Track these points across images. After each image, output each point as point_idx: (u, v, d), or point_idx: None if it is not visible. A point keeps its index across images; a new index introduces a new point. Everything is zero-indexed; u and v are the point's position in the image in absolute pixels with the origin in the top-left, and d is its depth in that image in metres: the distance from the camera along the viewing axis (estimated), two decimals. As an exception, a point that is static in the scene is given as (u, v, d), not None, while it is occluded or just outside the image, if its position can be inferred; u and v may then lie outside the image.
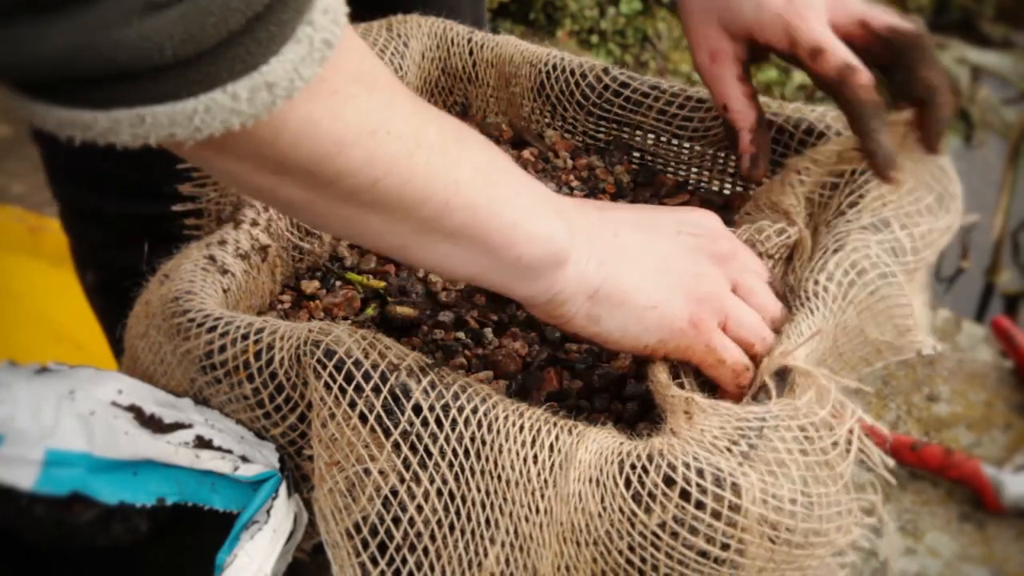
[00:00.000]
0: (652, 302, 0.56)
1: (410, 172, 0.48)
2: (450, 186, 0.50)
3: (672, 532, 0.49)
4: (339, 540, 0.54)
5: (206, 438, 0.58)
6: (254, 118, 0.42)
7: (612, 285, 0.55)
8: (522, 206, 0.53)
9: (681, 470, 0.49)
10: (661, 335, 0.56)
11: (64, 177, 0.95)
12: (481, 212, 0.51)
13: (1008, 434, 0.97)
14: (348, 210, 0.50)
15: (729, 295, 0.58)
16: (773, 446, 0.50)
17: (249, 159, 0.46)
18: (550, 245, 0.53)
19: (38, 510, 0.60)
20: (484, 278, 0.55)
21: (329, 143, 0.45)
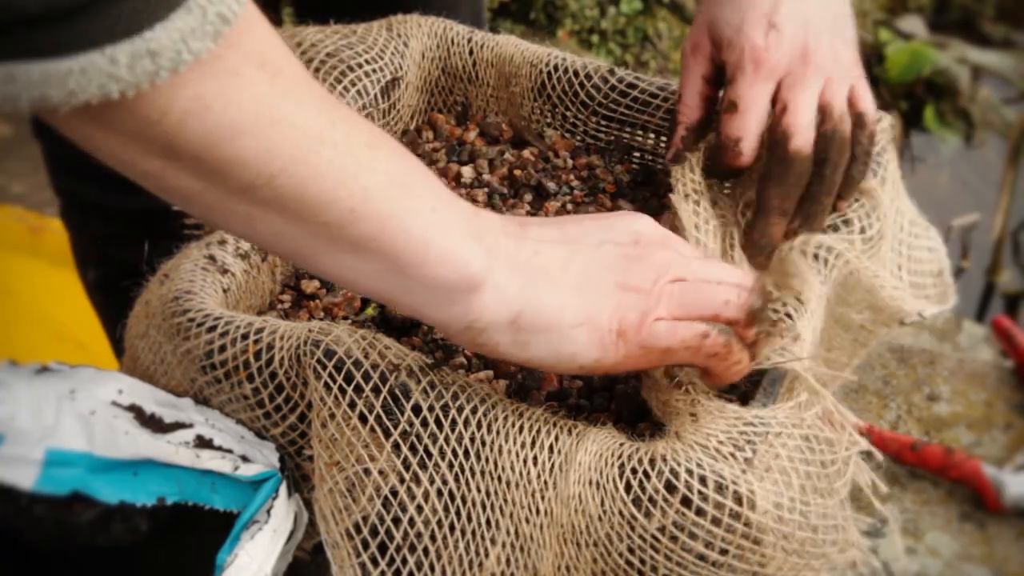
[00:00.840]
0: (578, 320, 0.52)
1: (312, 171, 0.45)
2: (356, 192, 0.46)
3: (672, 536, 0.49)
4: (339, 540, 0.54)
5: (206, 438, 0.58)
6: (135, 87, 0.39)
7: (535, 309, 0.52)
8: (437, 222, 0.49)
9: (684, 477, 0.49)
10: (594, 353, 0.53)
11: (65, 171, 0.95)
12: (390, 224, 0.48)
13: (1009, 434, 0.97)
14: (243, 206, 0.46)
15: (662, 287, 0.54)
16: (776, 452, 0.50)
17: (134, 138, 0.43)
18: (464, 268, 0.50)
19: (38, 510, 0.60)
20: (392, 297, 0.51)
21: (220, 128, 0.42)
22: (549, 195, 0.76)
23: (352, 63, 0.73)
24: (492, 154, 0.79)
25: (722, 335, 0.53)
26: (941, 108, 2.38)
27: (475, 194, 0.75)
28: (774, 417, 0.51)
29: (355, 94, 0.72)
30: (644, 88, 0.76)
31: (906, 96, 2.36)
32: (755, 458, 0.49)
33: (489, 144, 0.81)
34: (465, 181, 0.77)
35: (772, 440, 0.50)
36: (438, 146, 0.80)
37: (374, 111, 0.74)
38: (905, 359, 1.03)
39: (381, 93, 0.75)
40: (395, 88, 0.76)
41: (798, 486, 0.50)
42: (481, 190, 0.76)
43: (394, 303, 0.52)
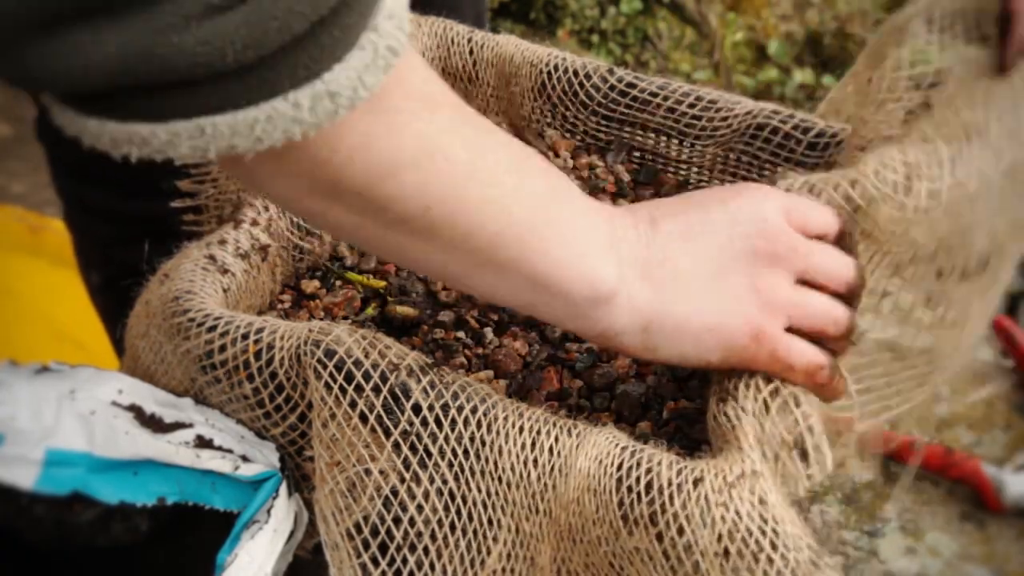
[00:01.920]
0: (709, 325, 0.54)
1: (463, 203, 0.47)
2: (502, 219, 0.49)
3: (643, 558, 0.49)
4: (339, 541, 0.54)
5: (206, 438, 0.58)
6: (316, 127, 0.40)
7: (665, 315, 0.54)
8: (574, 242, 0.51)
9: (668, 517, 0.47)
10: (722, 353, 0.54)
11: (69, 175, 0.95)
12: (529, 247, 0.50)
13: (1009, 434, 0.97)
14: (397, 237, 0.49)
15: (791, 292, 0.55)
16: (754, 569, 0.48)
17: (303, 177, 0.45)
18: (599, 285, 0.52)
19: (38, 510, 0.60)
20: (532, 310, 0.54)
21: (384, 163, 0.44)
22: (549, 195, 0.76)
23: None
24: (492, 154, 0.79)
25: (831, 371, 0.55)
26: (941, 108, 2.38)
27: (475, 194, 0.75)
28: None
29: (355, 94, 0.72)
30: (644, 87, 0.76)
31: (906, 96, 2.36)
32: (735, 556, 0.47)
33: (489, 144, 0.81)
34: (465, 181, 0.77)
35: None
36: (438, 146, 0.80)
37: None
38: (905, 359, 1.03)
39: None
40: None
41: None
42: (481, 190, 0.76)
43: (534, 314, 0.55)
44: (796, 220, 0.56)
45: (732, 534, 0.47)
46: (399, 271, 0.71)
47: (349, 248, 0.73)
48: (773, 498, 0.49)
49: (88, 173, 0.93)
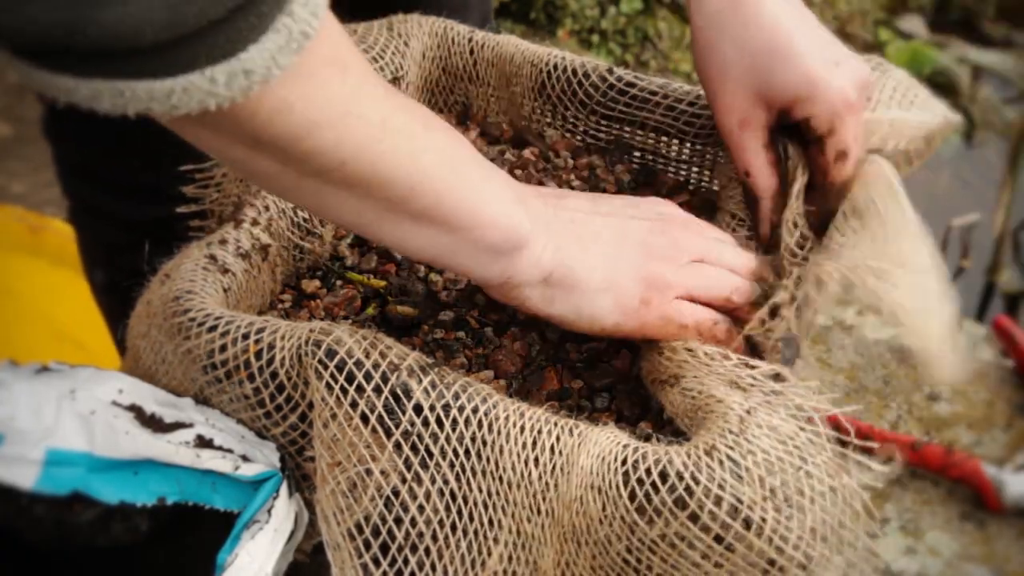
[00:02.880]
0: (604, 285, 0.58)
1: (378, 155, 0.50)
2: (416, 171, 0.52)
3: (671, 543, 0.50)
4: (340, 541, 0.54)
5: (207, 437, 0.58)
6: (230, 100, 0.44)
7: (565, 270, 0.58)
8: (486, 191, 0.55)
9: (698, 495, 0.49)
10: (615, 317, 0.59)
11: (76, 176, 0.95)
12: (446, 196, 0.54)
13: (1009, 433, 0.97)
14: (316, 185, 0.52)
15: (685, 267, 0.60)
16: (800, 487, 0.50)
17: (224, 133, 0.48)
18: (511, 231, 0.56)
19: (38, 510, 0.60)
20: (443, 259, 0.57)
21: (302, 124, 0.47)
22: (549, 195, 0.76)
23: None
24: (493, 154, 0.79)
25: (726, 324, 0.60)
26: (949, 130, 2.38)
27: (475, 194, 0.75)
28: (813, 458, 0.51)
29: (355, 94, 0.72)
30: (643, 87, 0.76)
31: (906, 96, 2.35)
32: (780, 488, 0.49)
33: (490, 144, 0.81)
34: (465, 181, 0.77)
35: (802, 476, 0.50)
36: (438, 146, 0.80)
37: (374, 111, 0.74)
38: (905, 359, 1.03)
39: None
40: (396, 87, 0.76)
41: (810, 522, 0.50)
42: (481, 190, 0.76)
43: (444, 263, 0.58)
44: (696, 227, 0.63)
45: (769, 470, 0.49)
46: (400, 271, 0.71)
47: (350, 248, 0.73)
48: (776, 420, 0.51)
49: (93, 174, 0.92)
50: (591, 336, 0.63)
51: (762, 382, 0.54)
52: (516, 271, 0.57)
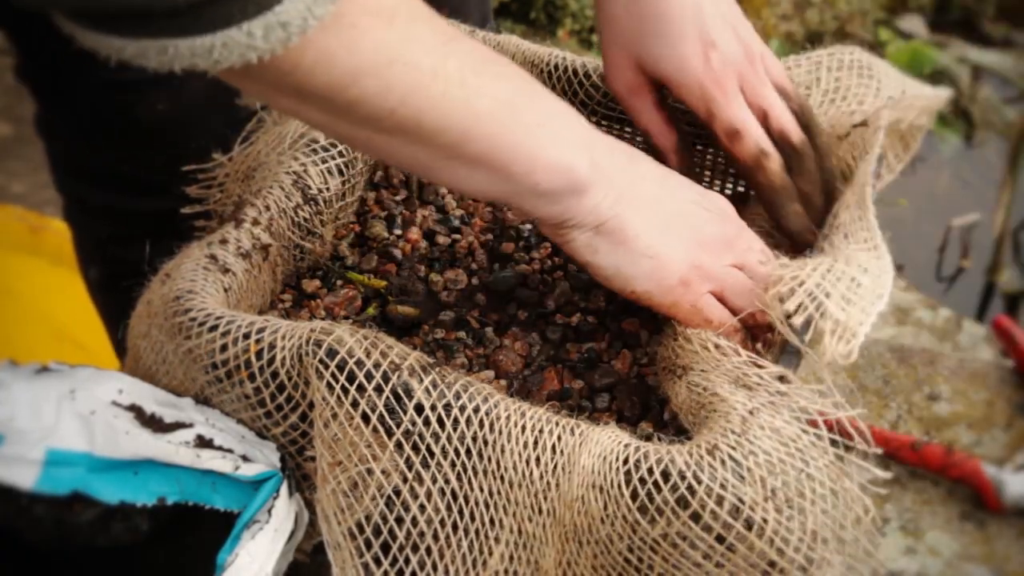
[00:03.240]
0: (651, 251, 0.58)
1: (427, 103, 0.51)
2: (468, 117, 0.52)
3: (673, 543, 0.49)
4: (341, 541, 0.54)
5: (207, 437, 0.58)
6: (270, 52, 0.45)
7: (619, 223, 0.58)
8: (545, 135, 0.55)
9: (700, 494, 0.49)
10: (650, 285, 0.59)
11: (69, 172, 0.95)
12: (501, 141, 0.54)
13: (1009, 433, 0.97)
14: (368, 133, 0.52)
15: (727, 268, 0.60)
16: (801, 489, 0.50)
17: (270, 85, 0.49)
18: (569, 175, 0.56)
19: (38, 510, 0.60)
20: (504, 199, 0.58)
21: (344, 73, 0.48)
22: (550, 195, 0.75)
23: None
24: (493, 153, 0.79)
25: (742, 336, 0.60)
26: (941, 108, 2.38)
27: (476, 194, 0.75)
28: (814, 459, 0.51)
29: (356, 93, 0.72)
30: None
31: (906, 96, 2.35)
32: (782, 489, 0.49)
33: (490, 143, 0.81)
34: (466, 180, 0.77)
35: (803, 479, 0.50)
36: (439, 145, 0.80)
37: (375, 110, 0.74)
38: (905, 359, 1.03)
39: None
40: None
41: (812, 525, 0.50)
42: (482, 190, 0.76)
43: (505, 204, 0.61)
44: None
45: (771, 471, 0.49)
46: (400, 271, 0.71)
47: (350, 248, 0.73)
48: (779, 421, 0.51)
49: (86, 170, 0.93)
50: (617, 298, 0.64)
51: (768, 382, 0.54)
52: (573, 214, 0.57)
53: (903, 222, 2.13)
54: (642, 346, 0.65)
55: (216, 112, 0.89)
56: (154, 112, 0.85)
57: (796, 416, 0.52)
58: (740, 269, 0.60)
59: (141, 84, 0.83)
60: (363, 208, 0.75)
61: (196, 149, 0.76)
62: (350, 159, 0.71)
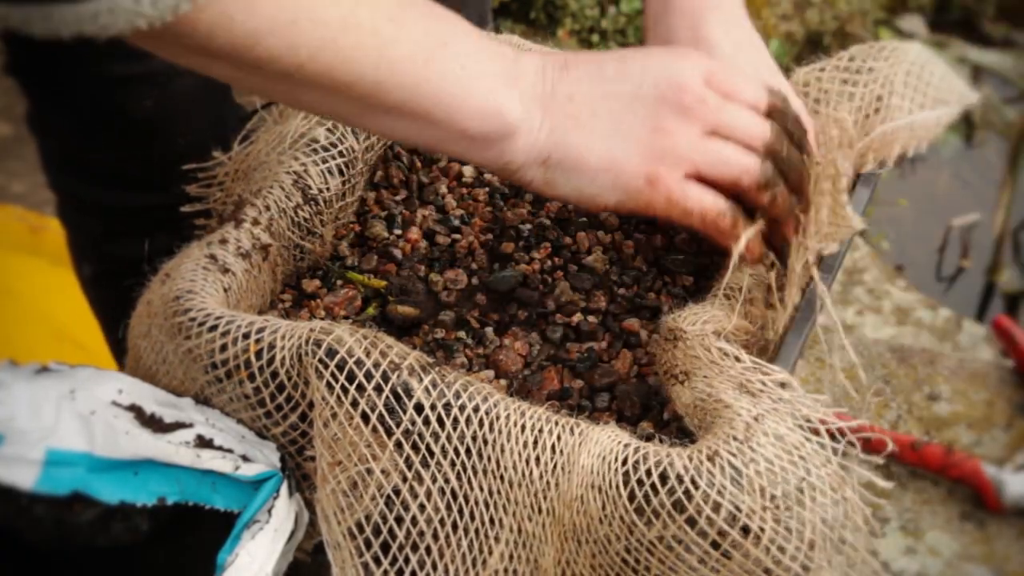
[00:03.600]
0: (604, 164, 0.56)
1: (336, 56, 0.50)
2: (381, 67, 0.51)
3: (668, 546, 0.49)
4: (341, 540, 0.54)
5: (207, 437, 0.58)
6: (160, 20, 0.44)
7: (562, 152, 0.56)
8: (469, 79, 0.54)
9: (697, 499, 0.49)
10: (617, 195, 0.57)
11: (61, 169, 0.95)
12: (418, 90, 0.53)
13: (1009, 433, 0.97)
14: (283, 86, 0.52)
15: (696, 140, 0.57)
16: (802, 499, 0.50)
17: (171, 47, 0.49)
18: (496, 119, 0.54)
19: (38, 510, 0.60)
20: (435, 146, 0.57)
21: (245, 35, 0.47)
22: (550, 194, 0.75)
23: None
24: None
25: (732, 215, 0.57)
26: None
27: (476, 193, 0.75)
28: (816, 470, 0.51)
29: (356, 93, 0.72)
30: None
31: (906, 96, 2.35)
32: (780, 499, 0.49)
33: (490, 143, 0.81)
34: (466, 180, 0.77)
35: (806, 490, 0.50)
36: (439, 145, 0.80)
37: (375, 110, 0.74)
38: (905, 359, 1.03)
39: (382, 92, 0.74)
40: None
41: (809, 539, 0.49)
42: (482, 189, 0.76)
43: (438, 151, 0.59)
44: (717, 84, 0.58)
45: (771, 480, 0.49)
46: (400, 271, 0.71)
47: (350, 248, 0.73)
48: (783, 428, 0.51)
49: (77, 166, 0.93)
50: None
51: (771, 388, 0.53)
52: (511, 157, 0.56)
53: (903, 222, 2.13)
54: (642, 346, 0.65)
55: (205, 109, 0.89)
56: (142, 108, 0.85)
57: (799, 424, 0.52)
58: (716, 130, 0.57)
59: (129, 80, 0.84)
60: (363, 208, 0.75)
61: (185, 146, 0.76)
62: (350, 159, 0.71)
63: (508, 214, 0.74)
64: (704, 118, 0.57)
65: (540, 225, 0.72)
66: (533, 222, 0.73)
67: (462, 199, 0.76)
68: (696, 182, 0.57)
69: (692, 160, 0.56)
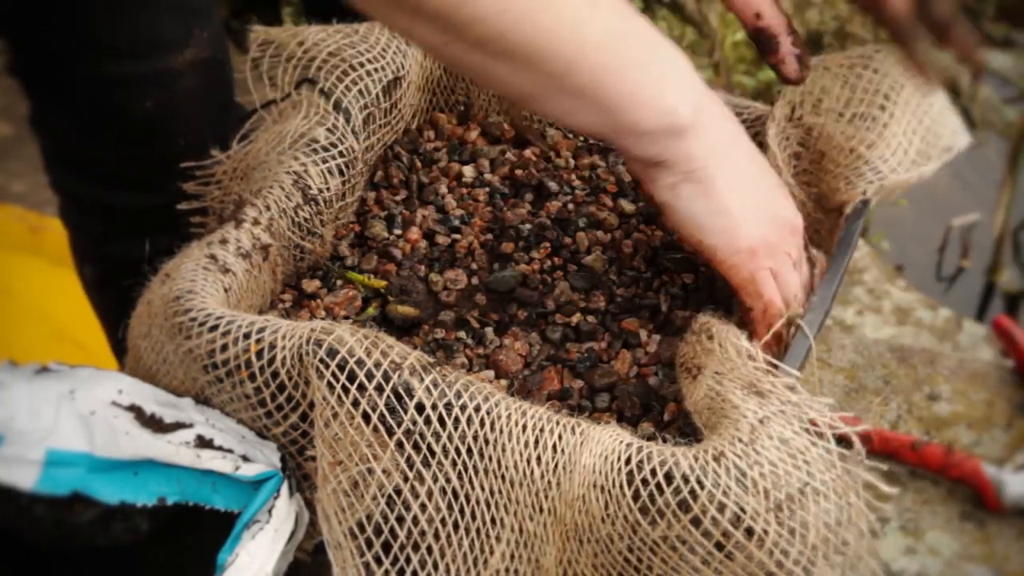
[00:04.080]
0: (731, 210, 0.60)
1: (537, 28, 0.52)
2: (576, 47, 0.54)
3: (672, 546, 0.49)
4: (342, 540, 0.54)
5: (207, 438, 0.58)
6: None
7: (708, 173, 0.59)
8: (652, 74, 0.56)
9: (702, 500, 0.49)
10: (720, 241, 0.60)
11: (63, 169, 0.95)
12: (606, 75, 0.55)
13: (1009, 433, 0.96)
14: (478, 56, 0.54)
15: (786, 257, 0.62)
16: (805, 503, 0.50)
17: (385, 5, 0.52)
18: (671, 117, 0.57)
19: (38, 510, 0.60)
20: (605, 135, 0.59)
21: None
22: (550, 195, 0.75)
23: (354, 62, 0.73)
24: (493, 153, 0.79)
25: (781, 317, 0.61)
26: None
27: (476, 193, 0.75)
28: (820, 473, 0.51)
29: (357, 93, 0.72)
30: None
31: (906, 96, 2.35)
32: (785, 504, 0.49)
33: (491, 144, 0.81)
34: (466, 180, 0.77)
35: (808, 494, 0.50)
36: (439, 145, 0.80)
37: (376, 110, 0.74)
38: (905, 358, 1.03)
39: (383, 92, 0.75)
40: (397, 87, 0.76)
41: (812, 543, 0.49)
42: (482, 189, 0.76)
43: (604, 138, 0.62)
44: None
45: (775, 483, 0.49)
46: (400, 271, 0.71)
47: (350, 248, 0.73)
48: (789, 432, 0.51)
49: (79, 166, 0.93)
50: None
51: (780, 390, 0.54)
52: (669, 156, 0.58)
53: (903, 222, 2.13)
54: (642, 346, 0.65)
55: (207, 109, 0.89)
56: (143, 109, 0.85)
57: (805, 427, 0.52)
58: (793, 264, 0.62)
59: (130, 81, 0.84)
60: (363, 208, 0.75)
61: (186, 146, 0.76)
62: (350, 159, 0.71)
63: (508, 214, 0.74)
64: (793, 248, 0.62)
65: (540, 225, 0.73)
66: (533, 222, 0.73)
67: (462, 199, 0.76)
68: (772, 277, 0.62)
69: (781, 264, 0.61)
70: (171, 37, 0.85)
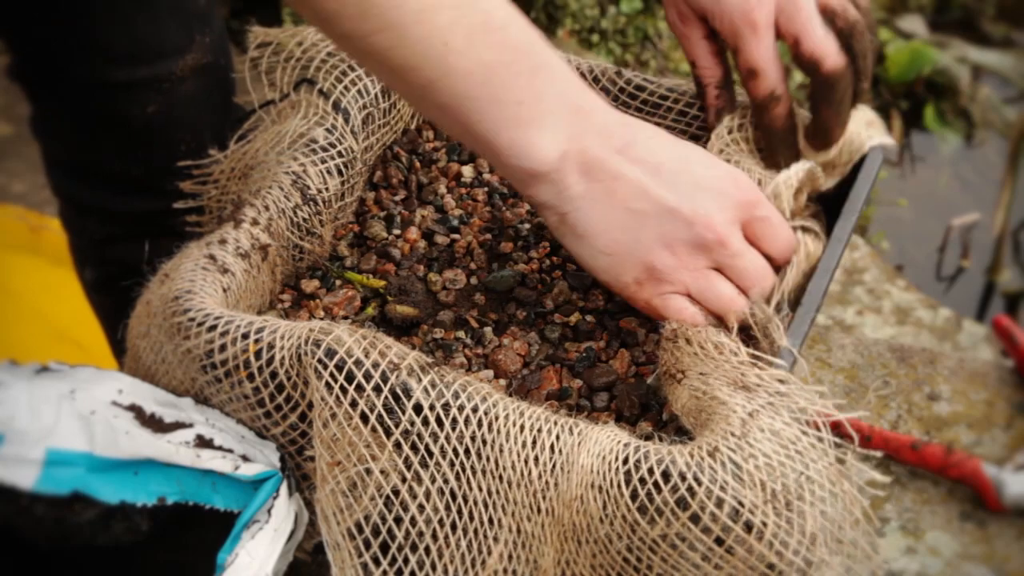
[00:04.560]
0: (607, 249, 0.59)
1: (399, 41, 0.52)
2: (437, 68, 0.53)
3: (672, 544, 0.49)
4: (340, 540, 0.54)
5: (207, 437, 0.58)
6: None
7: (581, 218, 0.59)
8: (520, 114, 0.55)
9: (700, 496, 0.49)
10: (607, 278, 0.61)
11: (63, 173, 0.95)
12: (465, 104, 0.54)
13: (1009, 433, 0.96)
14: (350, 48, 0.55)
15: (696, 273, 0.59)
16: (801, 492, 0.50)
17: None
18: (528, 160, 0.56)
19: (38, 510, 0.60)
20: (477, 151, 0.59)
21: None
22: (549, 194, 0.75)
23: (353, 62, 0.73)
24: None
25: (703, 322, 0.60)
26: (941, 107, 2.38)
27: (475, 193, 0.75)
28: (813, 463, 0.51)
29: (356, 93, 0.72)
30: (653, 90, 0.76)
31: (906, 95, 2.36)
32: (781, 493, 0.49)
33: (489, 143, 0.81)
34: (465, 180, 0.77)
35: (804, 484, 0.50)
36: (438, 145, 0.80)
37: (375, 110, 0.74)
38: (905, 358, 1.03)
39: (382, 92, 0.75)
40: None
41: (810, 530, 0.50)
42: (481, 189, 0.76)
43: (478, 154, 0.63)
44: (753, 229, 0.61)
45: (771, 474, 0.49)
46: (399, 271, 0.71)
47: (349, 248, 0.73)
48: (779, 423, 0.51)
49: (80, 170, 0.93)
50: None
51: (768, 383, 0.54)
52: (535, 194, 0.59)
53: (903, 222, 2.13)
54: (640, 345, 0.65)
55: (208, 114, 0.89)
56: (144, 114, 0.85)
57: (796, 417, 0.52)
58: (720, 271, 0.60)
59: (132, 86, 0.84)
60: (362, 208, 0.75)
61: (187, 151, 0.76)
62: (349, 159, 0.71)
63: (507, 214, 0.74)
64: (715, 258, 0.59)
65: (539, 224, 0.73)
66: (532, 221, 0.73)
67: (461, 199, 0.76)
68: (678, 295, 0.60)
69: (685, 284, 0.60)
70: (173, 42, 0.85)
